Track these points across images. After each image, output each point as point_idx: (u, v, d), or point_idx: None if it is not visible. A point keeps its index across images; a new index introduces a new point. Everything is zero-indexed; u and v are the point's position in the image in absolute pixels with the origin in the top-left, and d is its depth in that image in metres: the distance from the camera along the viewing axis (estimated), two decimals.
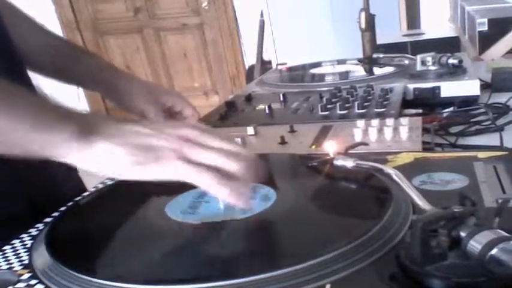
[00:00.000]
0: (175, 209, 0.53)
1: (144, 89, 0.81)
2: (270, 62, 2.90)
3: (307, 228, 0.48)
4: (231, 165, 0.46)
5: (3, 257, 0.49)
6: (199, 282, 0.39)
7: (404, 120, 0.75)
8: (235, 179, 0.46)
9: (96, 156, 0.46)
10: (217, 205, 0.52)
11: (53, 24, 3.54)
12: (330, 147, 0.59)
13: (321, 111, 0.89)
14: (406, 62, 1.18)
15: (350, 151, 0.59)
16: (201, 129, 0.50)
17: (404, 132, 0.71)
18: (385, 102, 0.87)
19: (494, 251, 0.34)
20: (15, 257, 0.49)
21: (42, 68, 0.80)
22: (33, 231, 0.54)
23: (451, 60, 0.99)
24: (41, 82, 0.80)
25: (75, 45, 0.89)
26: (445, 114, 0.87)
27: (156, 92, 0.81)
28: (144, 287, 0.40)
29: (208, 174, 0.45)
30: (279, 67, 1.44)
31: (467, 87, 0.94)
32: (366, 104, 0.89)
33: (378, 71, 1.18)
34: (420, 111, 0.90)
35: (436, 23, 2.33)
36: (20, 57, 0.71)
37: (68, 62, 0.81)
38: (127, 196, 0.61)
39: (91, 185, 0.68)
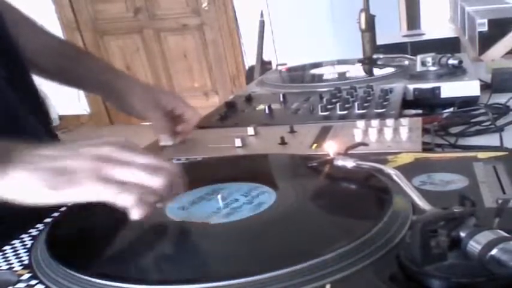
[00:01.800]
0: (175, 206, 0.53)
1: (144, 92, 0.81)
2: (270, 63, 2.90)
3: (308, 228, 0.48)
4: (153, 181, 0.47)
5: (3, 257, 0.49)
6: (200, 282, 0.39)
7: (404, 121, 0.75)
8: (157, 195, 0.47)
9: (11, 185, 0.47)
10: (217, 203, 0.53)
11: (53, 24, 3.54)
12: (330, 147, 0.59)
13: (321, 111, 0.89)
14: (406, 62, 1.18)
15: (350, 151, 0.59)
16: (121, 145, 0.49)
17: (404, 132, 0.72)
18: (385, 103, 0.88)
19: (494, 251, 0.34)
20: (15, 257, 0.49)
21: (44, 70, 0.80)
22: (33, 231, 0.54)
23: (451, 61, 0.99)
24: (43, 83, 0.80)
25: (76, 47, 0.89)
26: (445, 115, 0.87)
27: (156, 94, 0.81)
28: (144, 287, 0.40)
29: (125, 194, 0.45)
30: (279, 67, 1.44)
31: (467, 87, 0.94)
32: (366, 104, 0.89)
33: (377, 71, 1.18)
34: (420, 111, 0.90)
35: (436, 23, 2.33)
36: (23, 62, 0.71)
37: (69, 64, 0.80)
38: None
39: None
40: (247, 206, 0.51)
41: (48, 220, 0.56)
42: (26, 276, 0.45)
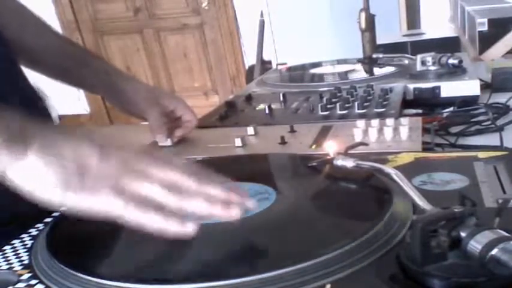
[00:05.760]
0: None
1: (146, 92, 0.82)
2: (270, 62, 2.89)
3: (307, 228, 0.48)
4: (168, 199, 0.42)
5: (3, 257, 0.49)
6: (199, 282, 0.39)
7: (404, 120, 0.75)
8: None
9: (26, 170, 0.41)
10: None
11: (53, 24, 3.53)
12: (330, 147, 0.59)
13: (321, 111, 0.89)
14: (406, 62, 1.18)
15: (350, 151, 0.59)
16: (151, 156, 0.45)
17: (404, 132, 0.71)
18: (385, 102, 0.87)
19: (494, 251, 0.34)
20: (15, 257, 0.49)
21: (49, 69, 0.81)
22: (33, 231, 0.54)
23: (451, 60, 0.99)
24: (43, 83, 0.80)
25: (81, 47, 0.89)
26: (445, 114, 0.87)
27: (158, 95, 0.82)
28: (144, 287, 0.40)
29: (138, 210, 0.41)
30: (279, 67, 1.43)
31: (467, 87, 0.94)
32: (366, 104, 0.88)
33: (378, 71, 1.17)
34: (420, 111, 0.90)
35: (436, 23, 2.32)
36: (9, 44, 0.71)
37: (74, 64, 0.81)
38: None
39: None
40: None
41: (48, 220, 0.56)
42: (26, 276, 0.45)
